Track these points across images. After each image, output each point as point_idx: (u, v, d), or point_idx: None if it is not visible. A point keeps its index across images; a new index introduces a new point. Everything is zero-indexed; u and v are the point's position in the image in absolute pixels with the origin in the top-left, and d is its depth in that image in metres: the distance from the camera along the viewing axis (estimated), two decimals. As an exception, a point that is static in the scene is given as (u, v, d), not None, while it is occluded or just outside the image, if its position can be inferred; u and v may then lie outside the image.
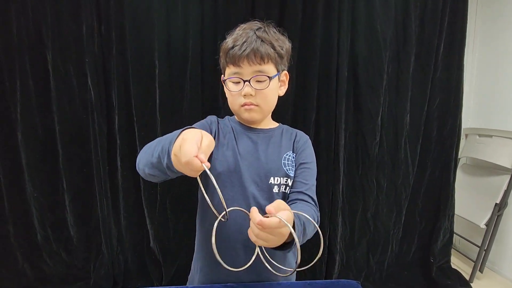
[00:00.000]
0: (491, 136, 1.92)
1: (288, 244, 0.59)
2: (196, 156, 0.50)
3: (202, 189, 0.55)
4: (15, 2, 1.47)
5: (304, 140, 0.87)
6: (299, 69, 1.59)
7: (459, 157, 1.89)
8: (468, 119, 2.10)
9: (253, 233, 0.53)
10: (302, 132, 0.91)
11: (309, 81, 1.60)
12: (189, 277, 0.94)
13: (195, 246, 0.89)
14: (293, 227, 0.57)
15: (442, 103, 1.77)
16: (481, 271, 1.87)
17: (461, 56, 1.74)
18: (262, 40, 0.75)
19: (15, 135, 1.57)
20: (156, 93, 1.55)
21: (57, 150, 1.59)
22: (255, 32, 0.76)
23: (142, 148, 1.69)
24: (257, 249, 0.60)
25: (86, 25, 1.49)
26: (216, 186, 0.50)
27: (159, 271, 1.72)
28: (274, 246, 0.56)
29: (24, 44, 1.50)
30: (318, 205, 0.81)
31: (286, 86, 0.87)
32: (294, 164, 0.83)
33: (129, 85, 1.54)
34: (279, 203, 0.56)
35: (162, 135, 1.73)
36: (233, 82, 0.78)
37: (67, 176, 1.61)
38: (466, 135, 2.10)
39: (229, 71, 0.78)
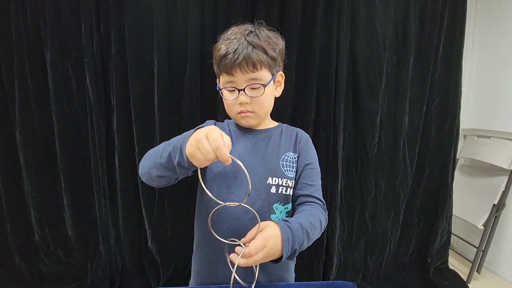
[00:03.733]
0: (489, 137, 1.92)
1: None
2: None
3: (201, 181, 0.62)
4: (14, 1, 1.46)
5: (306, 139, 0.88)
6: (298, 70, 1.59)
7: (457, 157, 1.90)
8: (467, 120, 2.11)
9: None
10: (302, 131, 0.90)
11: (308, 81, 1.60)
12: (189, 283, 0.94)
13: (193, 248, 0.90)
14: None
15: (440, 104, 1.78)
16: (478, 271, 1.88)
17: (459, 57, 1.75)
18: (253, 47, 0.74)
19: (13, 134, 1.56)
20: (154, 93, 1.54)
21: (55, 150, 1.59)
22: (245, 38, 0.75)
23: (140, 148, 1.69)
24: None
25: (85, 24, 1.48)
26: (246, 173, 0.59)
27: (156, 271, 1.71)
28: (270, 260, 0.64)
29: (22, 43, 1.50)
30: (325, 204, 0.82)
31: (282, 86, 0.87)
32: (294, 165, 0.83)
33: (128, 85, 1.54)
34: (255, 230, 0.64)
35: (160, 135, 1.73)
36: (228, 91, 0.78)
37: (65, 175, 1.61)
38: (465, 136, 2.10)
39: (223, 79, 0.78)
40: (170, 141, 0.70)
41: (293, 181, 0.82)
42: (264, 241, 0.62)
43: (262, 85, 0.76)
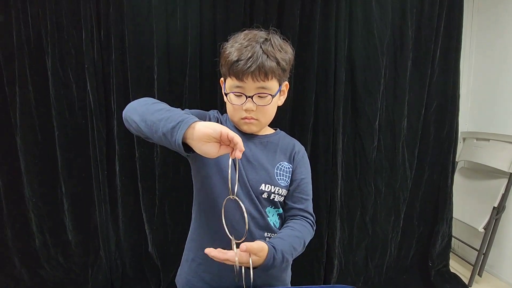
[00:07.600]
0: (488, 139, 1.93)
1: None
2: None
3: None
4: (15, 7, 1.48)
5: (302, 153, 0.89)
6: (296, 74, 1.60)
7: (456, 160, 1.90)
8: (465, 122, 2.11)
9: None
10: (299, 143, 0.92)
11: (307, 85, 1.61)
12: (178, 270, 0.92)
13: (189, 236, 0.91)
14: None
15: (439, 107, 1.79)
16: (480, 275, 1.87)
17: (457, 60, 1.76)
18: (267, 56, 0.74)
19: (14, 140, 1.57)
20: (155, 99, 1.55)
21: (56, 155, 1.60)
22: (261, 46, 0.74)
23: (140, 153, 1.67)
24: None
25: (85, 31, 1.50)
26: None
27: (157, 276, 1.71)
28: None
29: (23, 49, 1.51)
30: (315, 218, 0.86)
31: (285, 96, 0.88)
32: (288, 175, 0.84)
33: (128, 91, 1.55)
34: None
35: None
36: (235, 95, 0.78)
37: (66, 181, 1.61)
38: (464, 139, 2.11)
39: (232, 83, 0.77)
40: (160, 118, 0.67)
41: (285, 190, 0.83)
42: (259, 249, 0.66)
43: (270, 95, 0.77)
